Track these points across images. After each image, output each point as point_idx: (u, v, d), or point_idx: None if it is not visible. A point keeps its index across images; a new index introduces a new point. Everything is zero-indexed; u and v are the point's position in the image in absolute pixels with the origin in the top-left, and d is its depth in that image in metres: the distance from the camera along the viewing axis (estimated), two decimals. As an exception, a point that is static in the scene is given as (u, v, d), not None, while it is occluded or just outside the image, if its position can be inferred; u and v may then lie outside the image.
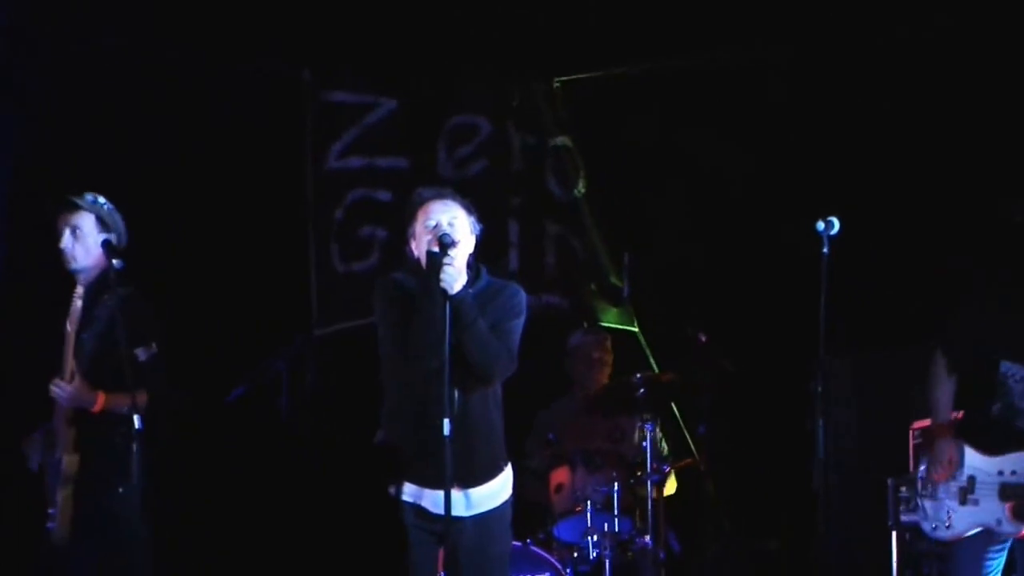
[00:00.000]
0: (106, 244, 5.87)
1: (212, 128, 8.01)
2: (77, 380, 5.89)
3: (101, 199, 6.08)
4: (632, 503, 7.28)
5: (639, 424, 7.30)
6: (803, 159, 7.88)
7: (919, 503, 6.05)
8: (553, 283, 8.32)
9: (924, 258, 7.66)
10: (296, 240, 8.26)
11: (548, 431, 7.50)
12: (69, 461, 5.92)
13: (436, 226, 5.34)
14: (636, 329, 8.31)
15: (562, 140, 8.38)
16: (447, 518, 5.21)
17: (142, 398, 5.71)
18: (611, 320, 8.30)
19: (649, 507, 7.16)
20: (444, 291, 5.23)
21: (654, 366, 8.16)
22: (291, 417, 7.37)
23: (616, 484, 7.16)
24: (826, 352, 5.57)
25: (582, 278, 8.37)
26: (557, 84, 8.34)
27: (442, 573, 5.59)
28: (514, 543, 6.01)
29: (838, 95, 7.83)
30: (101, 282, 5.96)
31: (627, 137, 8.18)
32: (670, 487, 7.57)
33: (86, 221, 6.04)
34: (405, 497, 5.44)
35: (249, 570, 7.85)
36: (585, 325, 8.12)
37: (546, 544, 7.15)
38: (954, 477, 5.94)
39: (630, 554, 7.18)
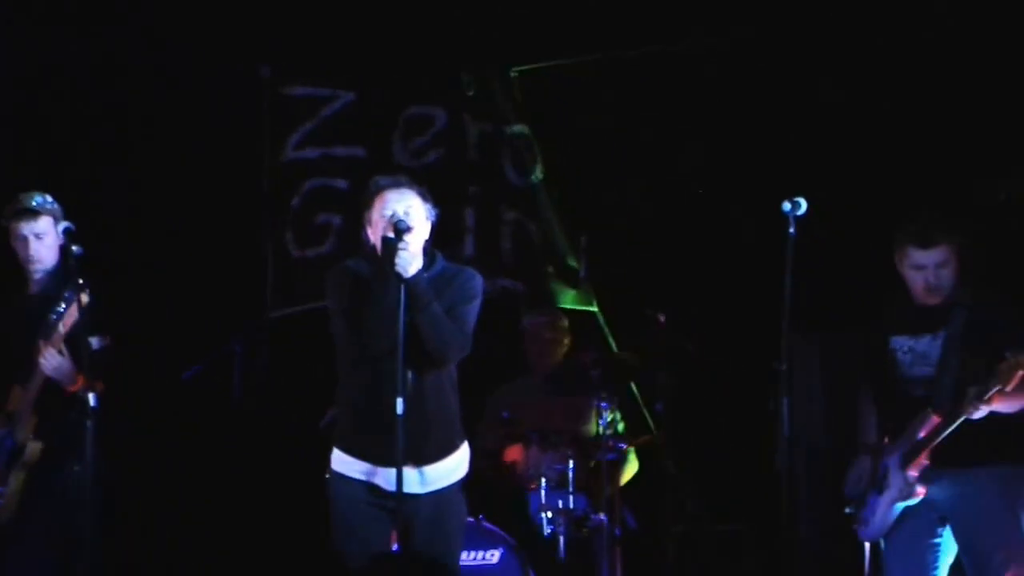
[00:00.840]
0: (68, 232, 5.86)
1: (173, 122, 8.12)
2: (66, 354, 5.99)
3: (48, 197, 6.21)
4: (587, 481, 7.25)
5: (595, 403, 7.27)
6: (767, 141, 7.85)
7: (861, 517, 6.05)
8: (509, 268, 8.30)
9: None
10: (253, 228, 8.31)
11: (501, 411, 7.46)
12: (32, 449, 6.03)
13: (392, 215, 5.42)
14: (596, 309, 8.26)
15: (519, 128, 8.35)
16: (399, 495, 5.29)
17: (99, 386, 5.81)
18: (569, 302, 8.25)
19: (605, 485, 7.14)
20: (399, 275, 5.32)
21: (614, 347, 8.11)
22: (243, 397, 7.43)
23: (571, 462, 7.13)
24: (794, 332, 5.53)
25: (538, 262, 8.32)
26: (515, 74, 8.34)
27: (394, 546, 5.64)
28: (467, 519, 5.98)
29: (797, 79, 7.79)
30: (61, 272, 6.09)
31: (586, 123, 8.14)
32: (631, 470, 7.58)
33: (46, 223, 6.17)
34: (358, 475, 5.52)
35: (199, 545, 7.91)
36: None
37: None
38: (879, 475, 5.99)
39: (585, 531, 7.15)
